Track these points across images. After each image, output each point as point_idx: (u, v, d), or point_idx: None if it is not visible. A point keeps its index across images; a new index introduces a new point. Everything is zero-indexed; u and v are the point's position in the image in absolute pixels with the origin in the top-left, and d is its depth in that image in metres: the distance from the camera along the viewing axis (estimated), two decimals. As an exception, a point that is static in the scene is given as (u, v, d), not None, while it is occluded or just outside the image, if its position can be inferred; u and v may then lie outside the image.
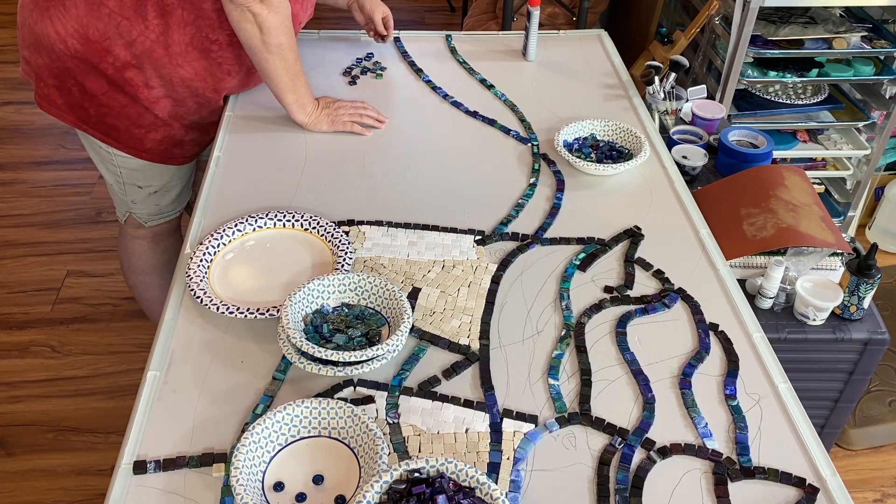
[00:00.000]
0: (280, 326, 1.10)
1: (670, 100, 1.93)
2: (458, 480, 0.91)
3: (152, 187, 1.70)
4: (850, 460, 2.03)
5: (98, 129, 1.58)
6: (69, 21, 1.44)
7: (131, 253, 1.84)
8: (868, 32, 2.28)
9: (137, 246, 1.82)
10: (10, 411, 2.03)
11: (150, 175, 1.68)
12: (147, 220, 1.76)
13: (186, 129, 1.64)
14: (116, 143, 1.60)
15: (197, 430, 1.02)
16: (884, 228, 2.70)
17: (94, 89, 1.52)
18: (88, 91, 1.52)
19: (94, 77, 1.50)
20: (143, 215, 1.75)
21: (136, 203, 1.73)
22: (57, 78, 1.52)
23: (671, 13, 2.83)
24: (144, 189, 1.70)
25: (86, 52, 1.46)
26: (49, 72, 1.52)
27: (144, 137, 1.60)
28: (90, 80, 1.50)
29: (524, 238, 1.37)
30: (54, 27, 1.45)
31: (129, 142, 1.60)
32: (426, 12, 4.05)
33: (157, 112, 1.56)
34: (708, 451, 1.02)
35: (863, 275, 1.49)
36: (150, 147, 1.62)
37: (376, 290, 1.17)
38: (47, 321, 2.29)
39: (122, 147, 1.60)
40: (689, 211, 1.45)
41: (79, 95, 1.53)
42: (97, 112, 1.55)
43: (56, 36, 1.45)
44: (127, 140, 1.59)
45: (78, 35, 1.45)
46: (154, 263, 1.86)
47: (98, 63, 1.48)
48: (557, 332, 1.19)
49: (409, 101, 1.74)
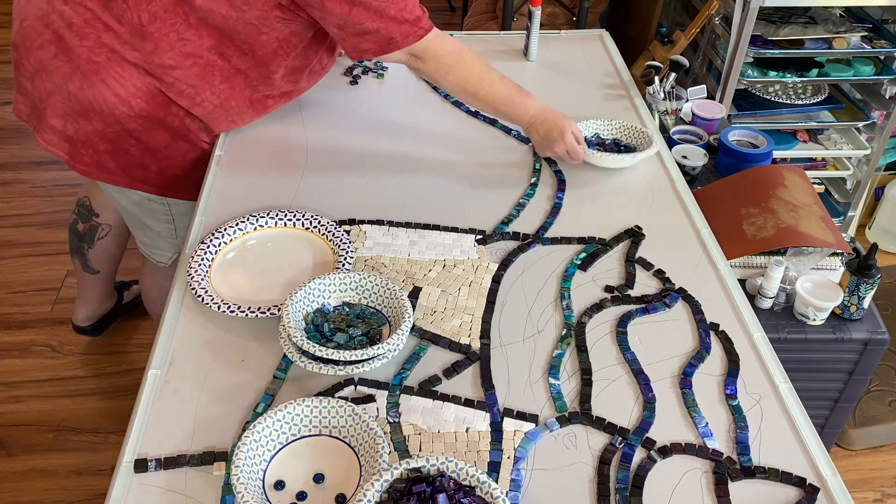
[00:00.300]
0: (281, 325, 1.10)
1: (670, 100, 1.93)
2: (458, 479, 0.91)
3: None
4: (850, 460, 2.03)
5: (156, 185, 1.53)
6: (128, 81, 1.37)
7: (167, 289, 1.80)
8: (868, 32, 2.28)
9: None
10: (10, 411, 2.03)
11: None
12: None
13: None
14: (176, 193, 1.55)
15: (198, 428, 1.02)
16: (884, 228, 2.70)
17: (157, 144, 1.46)
18: (151, 147, 1.46)
19: (158, 131, 1.45)
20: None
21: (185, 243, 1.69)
22: (112, 143, 1.44)
23: (671, 13, 2.83)
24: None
25: (151, 109, 1.41)
26: (101, 137, 1.43)
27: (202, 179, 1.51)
28: (154, 137, 1.45)
29: (525, 237, 1.37)
30: (113, 90, 1.37)
31: (188, 188, 1.54)
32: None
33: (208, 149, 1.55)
34: (708, 450, 1.02)
35: (863, 275, 1.49)
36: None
37: (377, 289, 1.17)
38: (47, 321, 2.29)
39: (181, 195, 1.56)
40: (690, 211, 1.45)
41: (139, 155, 1.47)
42: (158, 167, 1.50)
43: (116, 99, 1.38)
44: (186, 186, 1.55)
45: (142, 93, 1.39)
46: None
47: (164, 117, 1.43)
48: (558, 331, 1.19)
49: (410, 100, 1.74)
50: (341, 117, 1.68)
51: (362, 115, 1.69)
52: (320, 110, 1.69)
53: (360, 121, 1.67)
